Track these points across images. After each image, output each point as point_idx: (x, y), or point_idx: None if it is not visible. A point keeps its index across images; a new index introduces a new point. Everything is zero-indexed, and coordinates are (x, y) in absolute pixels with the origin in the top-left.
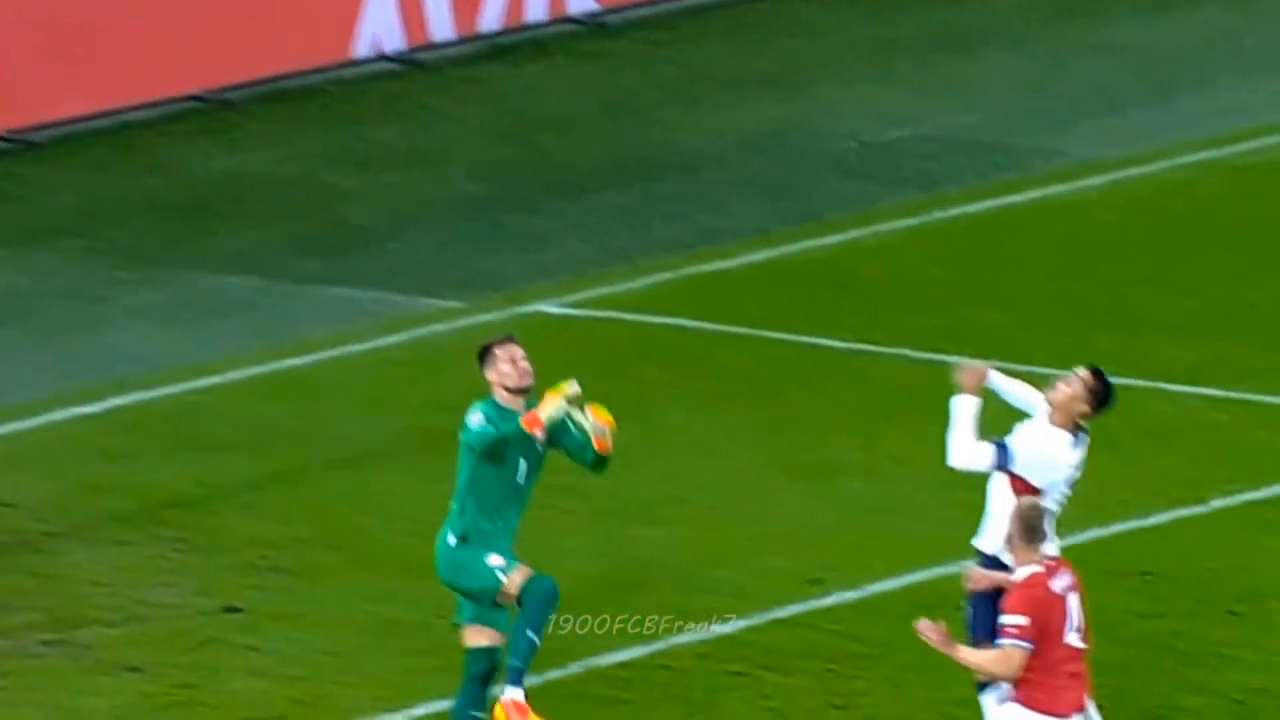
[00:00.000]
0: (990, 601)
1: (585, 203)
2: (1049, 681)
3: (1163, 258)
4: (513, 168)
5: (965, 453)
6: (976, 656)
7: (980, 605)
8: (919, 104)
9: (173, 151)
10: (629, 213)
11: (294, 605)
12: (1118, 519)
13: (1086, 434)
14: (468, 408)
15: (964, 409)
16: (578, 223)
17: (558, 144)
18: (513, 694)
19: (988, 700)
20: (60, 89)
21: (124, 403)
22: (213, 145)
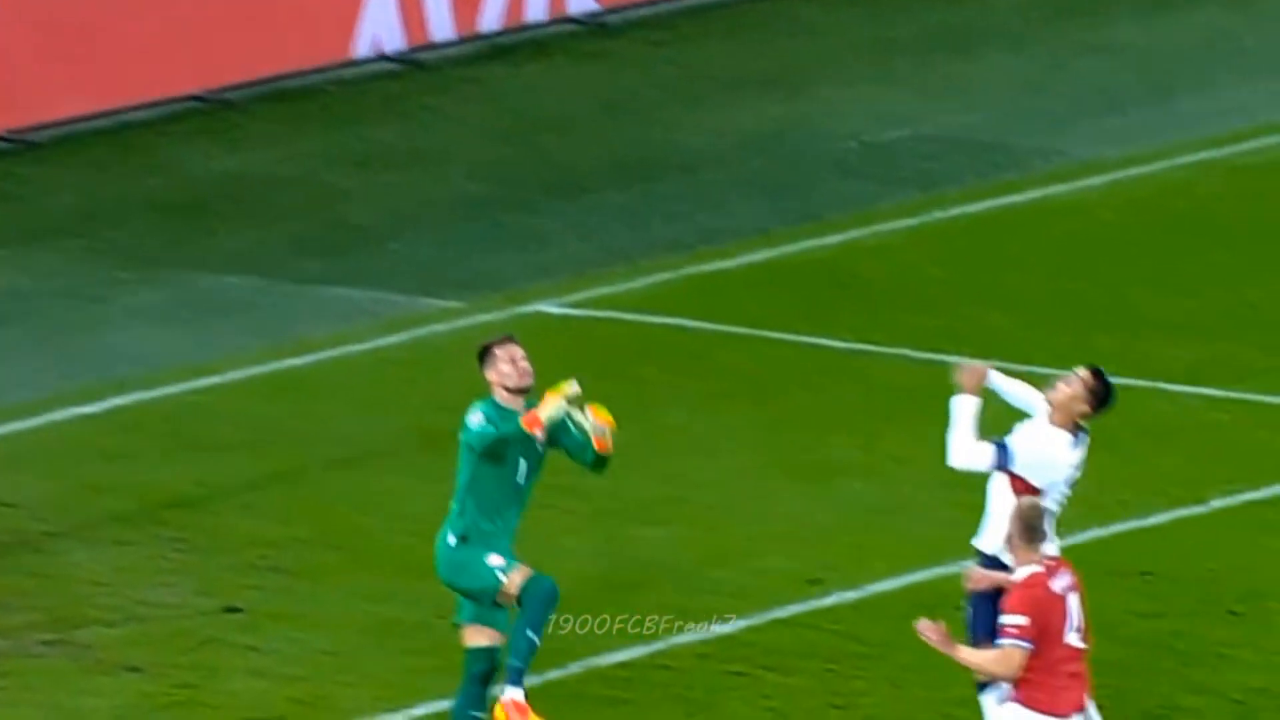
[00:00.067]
0: (990, 601)
1: (585, 203)
2: (1049, 681)
3: (1163, 258)
4: (513, 168)
5: (965, 453)
6: (976, 656)
7: (980, 605)
8: (919, 104)
9: (173, 151)
10: (629, 213)
11: (294, 605)
12: (1118, 519)
13: (1086, 434)
14: (468, 408)
15: (964, 409)
16: (578, 223)
17: (558, 144)
18: (513, 694)
19: (988, 700)
20: (60, 89)
21: (124, 403)
22: (213, 145)
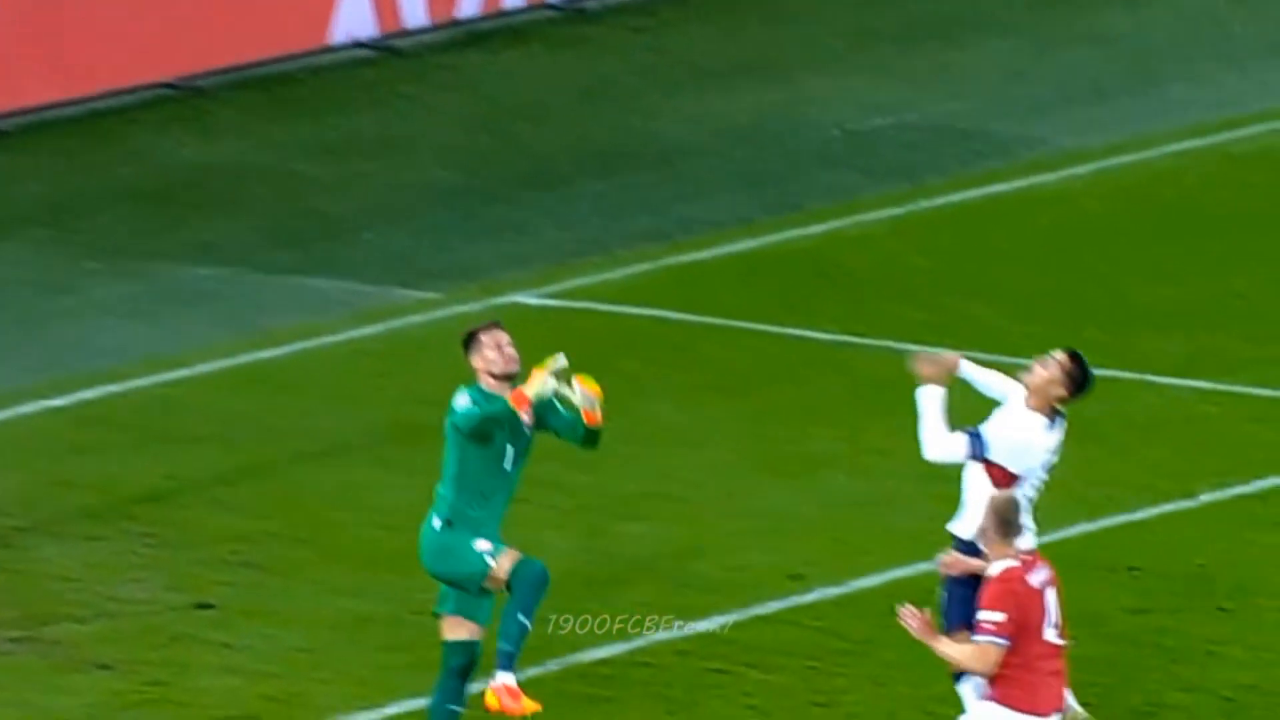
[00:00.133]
0: (965, 587)
1: (563, 192)
2: (1027, 679)
3: (1150, 248)
4: (489, 156)
5: (939, 444)
6: (954, 650)
7: (955, 591)
8: (903, 92)
9: (143, 140)
10: (608, 202)
11: (266, 601)
12: (1105, 513)
13: (1063, 418)
14: (449, 397)
15: (930, 400)
16: (555, 212)
17: (535, 133)
18: (504, 678)
19: (965, 690)
20: (29, 76)
21: (92, 396)
22: (184, 134)
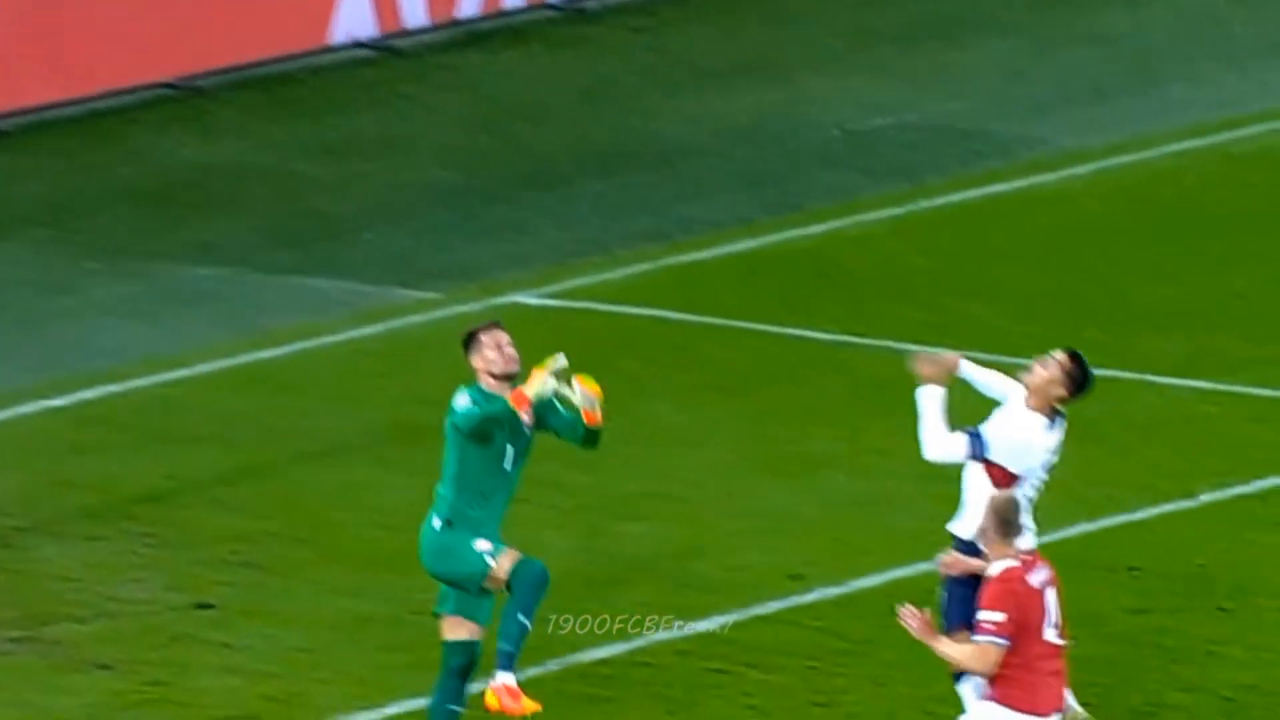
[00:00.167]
0: (965, 587)
1: (563, 192)
2: (1027, 679)
3: (1150, 248)
4: (489, 156)
5: (939, 445)
6: (954, 650)
7: (955, 591)
8: (903, 92)
9: (143, 140)
10: (607, 202)
11: (266, 601)
12: (1105, 513)
13: (1063, 418)
14: (449, 397)
15: (929, 400)
16: (555, 212)
17: (535, 132)
18: (504, 678)
19: (965, 690)
20: (29, 76)
21: (92, 396)
22: (184, 134)
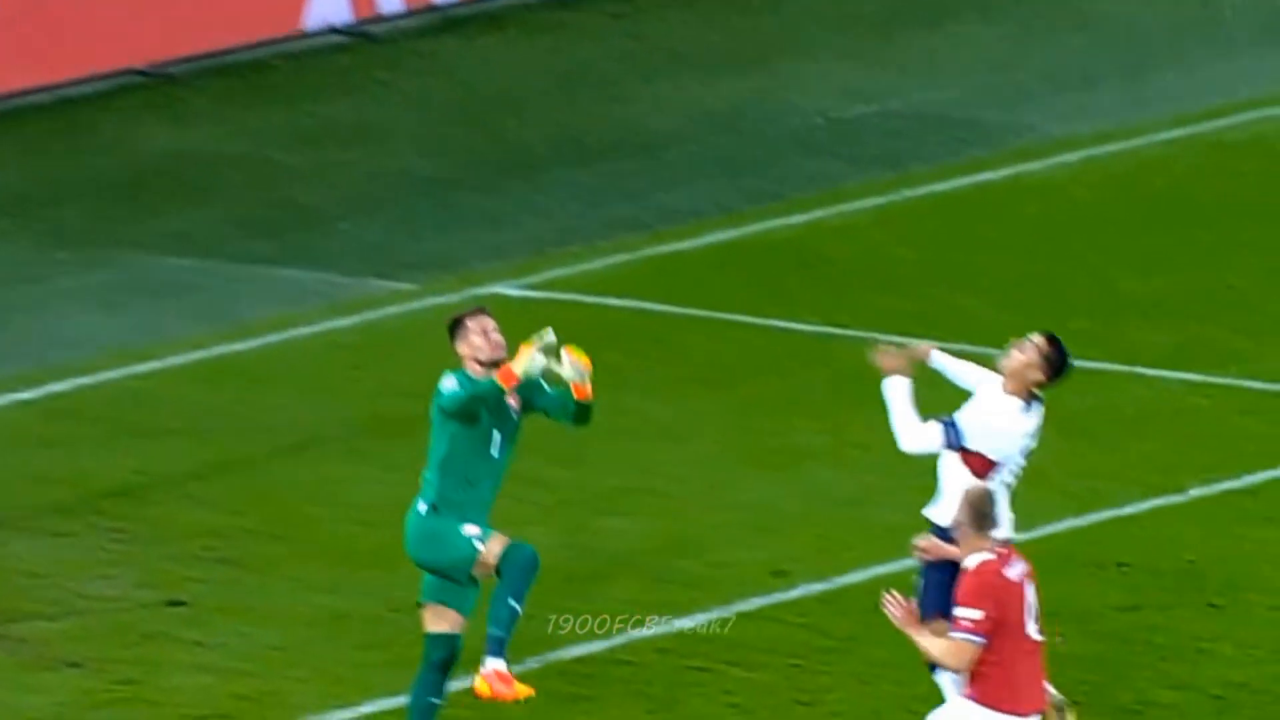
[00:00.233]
0: (942, 573)
1: (542, 181)
2: (1007, 677)
3: (1140, 237)
4: (467, 145)
5: (913, 435)
6: (931, 645)
7: (932, 576)
8: (886, 79)
9: (114, 128)
10: (587, 191)
11: (240, 598)
12: (1093, 508)
13: (1040, 402)
14: (426, 390)
15: (896, 391)
16: (534, 202)
17: (513, 120)
18: (494, 664)
19: (943, 681)
20: None
21: (62, 388)
22: (155, 122)
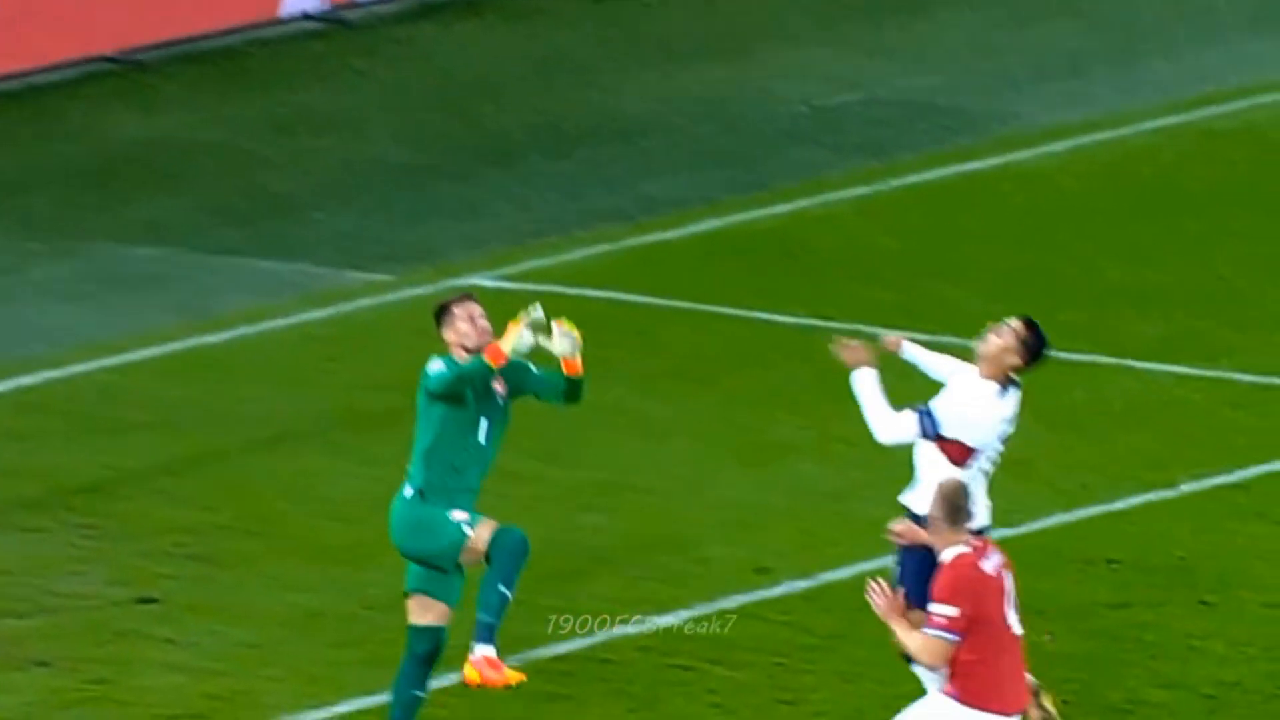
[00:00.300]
0: (918, 558)
1: (520, 170)
2: (991, 675)
3: (1128, 227)
4: (444, 133)
5: (888, 426)
6: (908, 639)
7: (908, 562)
8: (871, 66)
9: (83, 116)
10: (567, 181)
11: (213, 595)
12: (1082, 504)
13: (1018, 386)
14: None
15: (864, 383)
16: (513, 191)
17: (491, 108)
18: (484, 650)
19: (921, 671)
20: None
21: (31, 382)
22: (126, 109)
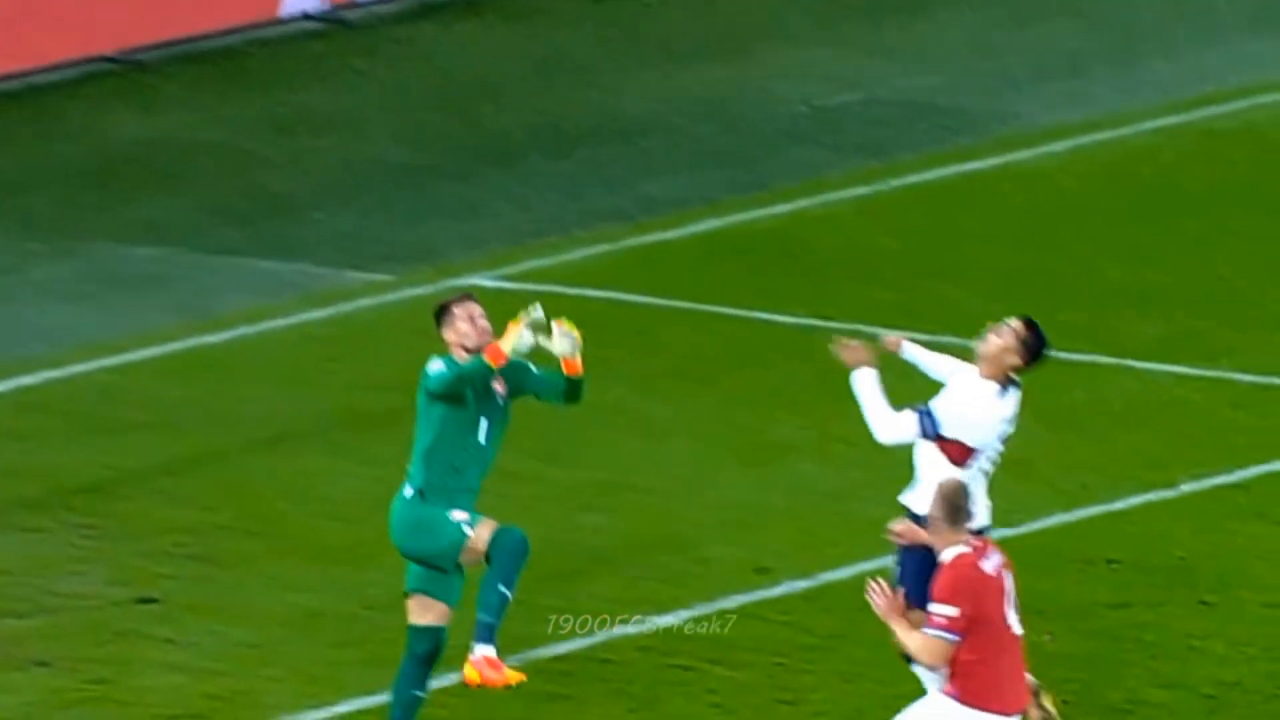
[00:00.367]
0: (918, 560)
1: (520, 170)
2: (991, 675)
3: (1128, 228)
4: (444, 133)
5: (888, 426)
6: (908, 639)
7: (908, 562)
8: (871, 66)
9: (83, 116)
10: (567, 181)
11: (212, 595)
12: (1083, 504)
13: (1018, 386)
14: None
15: (864, 383)
16: (512, 191)
17: (491, 108)
18: (484, 650)
19: (921, 671)
20: None
21: (31, 382)
22: (126, 109)
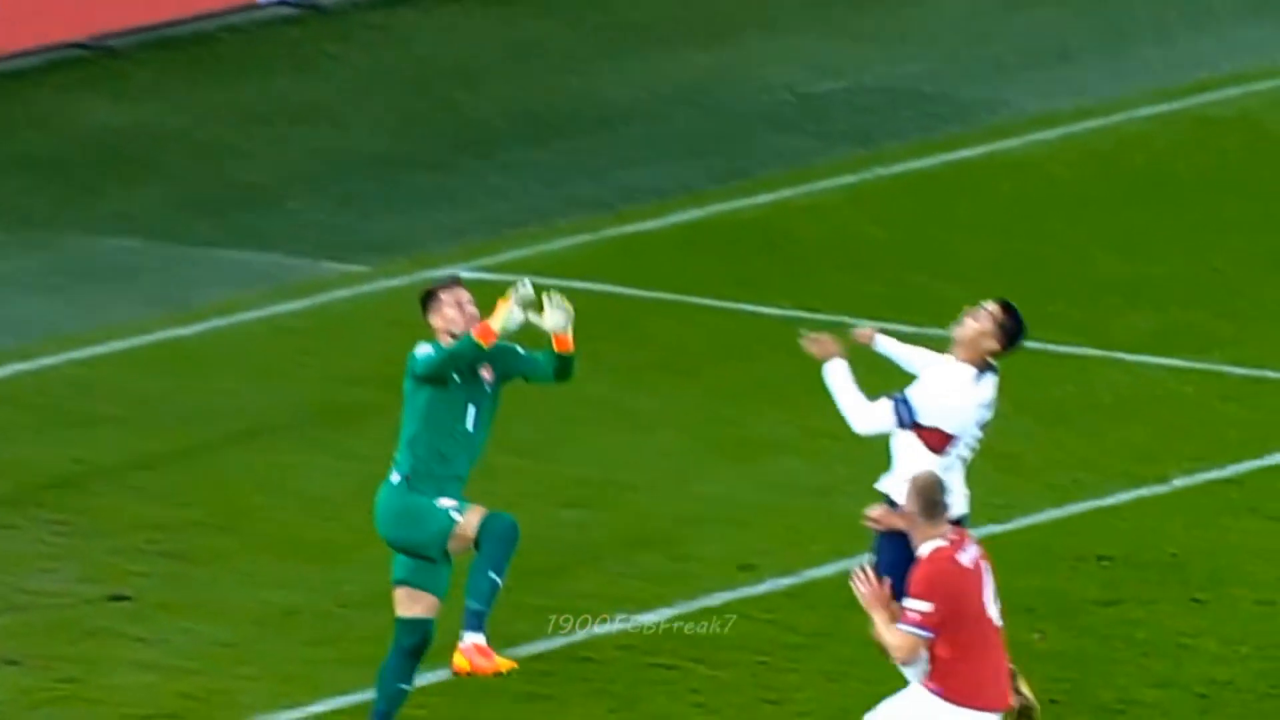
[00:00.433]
0: (896, 547)
1: (499, 159)
2: (973, 672)
3: (1120, 217)
4: (420, 121)
5: (864, 416)
6: (886, 634)
7: (885, 548)
8: (857, 52)
9: (52, 104)
10: (546, 170)
11: (185, 592)
12: (1074, 499)
13: (995, 371)
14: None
15: (835, 375)
16: (491, 181)
17: (468, 96)
18: (473, 638)
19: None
20: None
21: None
22: (96, 97)
